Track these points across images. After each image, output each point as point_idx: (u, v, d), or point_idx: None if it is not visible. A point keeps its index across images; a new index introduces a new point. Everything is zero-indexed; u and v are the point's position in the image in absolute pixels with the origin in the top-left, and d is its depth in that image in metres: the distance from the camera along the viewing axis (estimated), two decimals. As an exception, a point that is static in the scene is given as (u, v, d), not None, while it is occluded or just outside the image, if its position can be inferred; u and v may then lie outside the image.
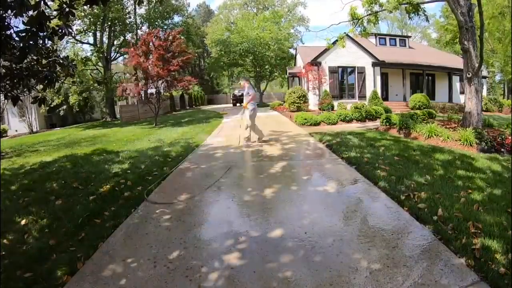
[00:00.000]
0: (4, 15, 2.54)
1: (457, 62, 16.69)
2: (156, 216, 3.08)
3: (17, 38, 2.54)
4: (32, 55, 2.96)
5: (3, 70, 3.05)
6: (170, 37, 13.32)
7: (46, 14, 2.52)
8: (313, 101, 16.59)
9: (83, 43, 21.79)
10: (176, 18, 26.90)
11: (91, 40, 21.96)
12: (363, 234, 2.50)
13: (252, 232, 2.65)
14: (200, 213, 3.22)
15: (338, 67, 17.07)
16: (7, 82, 3.10)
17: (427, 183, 3.63)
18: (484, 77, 18.99)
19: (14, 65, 3.04)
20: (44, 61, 3.18)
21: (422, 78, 18.14)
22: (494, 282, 1.85)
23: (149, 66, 12.66)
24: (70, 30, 2.88)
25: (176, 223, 2.91)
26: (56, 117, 20.12)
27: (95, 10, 18.16)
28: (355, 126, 10.00)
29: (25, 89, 3.31)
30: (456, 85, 18.89)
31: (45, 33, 2.59)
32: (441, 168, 4.33)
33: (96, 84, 17.88)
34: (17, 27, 2.63)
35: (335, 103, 15.92)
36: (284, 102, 18.40)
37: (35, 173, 5.29)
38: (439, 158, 4.90)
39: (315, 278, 1.96)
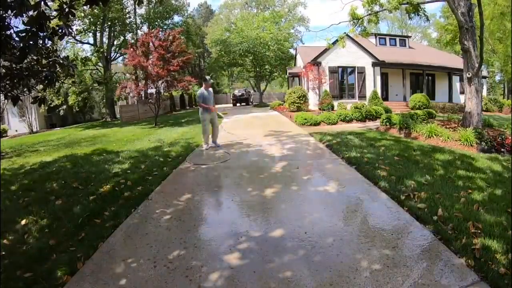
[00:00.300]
0: (4, 15, 2.54)
1: (457, 62, 16.69)
2: (156, 216, 3.08)
3: (17, 38, 2.54)
4: (32, 55, 2.96)
5: (3, 70, 3.05)
6: (170, 37, 13.32)
7: (46, 14, 2.52)
8: (313, 101, 16.59)
9: (83, 43, 21.81)
10: (176, 18, 26.93)
11: (91, 40, 21.98)
12: (363, 234, 2.50)
13: (252, 232, 2.65)
14: (200, 213, 3.22)
15: (338, 67, 17.06)
16: (7, 82, 3.10)
17: (427, 183, 3.63)
18: (484, 77, 18.99)
19: (14, 65, 3.04)
20: (44, 61, 3.18)
21: (422, 78, 18.13)
22: (494, 282, 1.85)
23: (149, 66, 12.66)
24: (70, 30, 2.88)
25: (176, 223, 2.91)
26: (56, 117, 20.13)
27: (95, 10, 18.15)
28: (355, 126, 9.99)
29: (25, 89, 3.31)
30: (456, 85, 18.88)
31: (45, 33, 2.59)
32: (441, 168, 4.33)
33: (96, 84, 17.89)
34: (17, 27, 2.63)
35: (335, 103, 15.92)
36: (284, 102, 18.40)
37: (35, 173, 5.29)
38: (439, 158, 4.90)
39: (315, 278, 1.96)
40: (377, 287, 1.85)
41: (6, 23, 2.55)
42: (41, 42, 2.77)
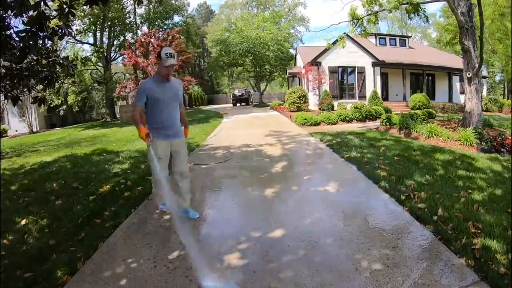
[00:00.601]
0: (4, 15, 2.54)
1: (457, 62, 16.68)
2: (156, 216, 3.08)
3: (17, 38, 2.55)
4: (32, 55, 2.96)
5: (3, 70, 3.05)
6: (169, 37, 13.33)
7: (46, 14, 2.52)
8: (313, 101, 16.59)
9: (83, 43, 21.82)
10: (176, 18, 26.93)
11: (91, 40, 22.00)
12: (363, 234, 2.50)
13: (252, 232, 2.64)
14: (200, 213, 3.21)
15: (338, 67, 17.07)
16: (7, 82, 3.11)
17: (427, 183, 3.63)
18: (484, 77, 18.99)
19: (14, 65, 3.04)
20: (44, 61, 3.18)
21: (422, 78, 18.14)
22: (494, 282, 1.85)
23: (148, 66, 12.68)
24: (70, 30, 2.88)
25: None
26: (56, 117, 20.14)
27: (95, 10, 18.15)
28: (355, 126, 10.00)
29: (25, 89, 3.32)
30: (456, 85, 18.88)
31: (45, 33, 2.59)
32: (441, 168, 4.33)
33: (96, 84, 17.91)
34: (17, 27, 2.63)
35: (335, 103, 15.92)
36: (284, 102, 18.41)
37: (35, 173, 5.29)
38: (439, 158, 4.90)
39: (315, 278, 1.96)
40: (377, 287, 1.85)
41: (6, 23, 2.56)
42: (41, 42, 2.78)
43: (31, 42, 2.46)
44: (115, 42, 22.51)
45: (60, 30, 2.73)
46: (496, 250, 2.15)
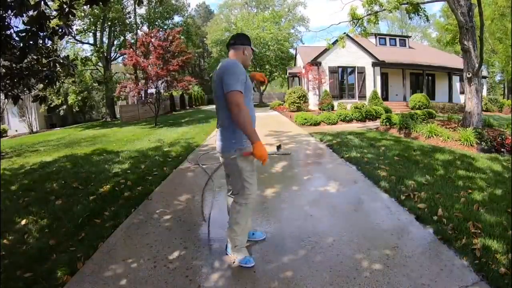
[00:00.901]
0: (4, 15, 2.54)
1: (457, 62, 16.70)
2: (156, 216, 3.08)
3: (17, 38, 2.55)
4: (32, 55, 2.96)
5: (3, 70, 3.06)
6: (170, 37, 13.32)
7: (46, 14, 2.52)
8: (313, 101, 16.60)
9: (83, 43, 21.84)
10: (176, 18, 26.98)
11: (91, 40, 22.02)
12: (363, 234, 2.50)
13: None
14: (200, 212, 3.21)
15: (338, 67, 17.08)
16: (7, 81, 3.11)
17: (427, 183, 3.63)
18: (484, 77, 19.01)
19: (14, 65, 3.04)
20: (44, 61, 3.18)
21: (422, 78, 18.15)
22: (494, 282, 1.85)
23: (148, 66, 12.67)
24: (70, 30, 2.88)
25: (176, 223, 2.91)
26: (56, 117, 20.15)
27: (95, 10, 18.17)
28: (355, 126, 10.00)
29: (25, 89, 3.33)
30: (456, 85, 18.89)
31: (45, 33, 2.60)
32: (441, 168, 4.33)
33: (96, 84, 17.93)
34: (17, 27, 2.64)
35: (335, 103, 15.92)
36: (284, 102, 18.42)
37: (35, 173, 5.29)
38: (439, 158, 4.90)
39: (315, 278, 1.96)
40: (377, 287, 1.85)
41: (6, 23, 2.56)
42: (41, 42, 2.78)
43: (31, 42, 2.46)
44: (115, 42, 22.53)
45: (60, 30, 2.74)
46: (496, 250, 2.15)
